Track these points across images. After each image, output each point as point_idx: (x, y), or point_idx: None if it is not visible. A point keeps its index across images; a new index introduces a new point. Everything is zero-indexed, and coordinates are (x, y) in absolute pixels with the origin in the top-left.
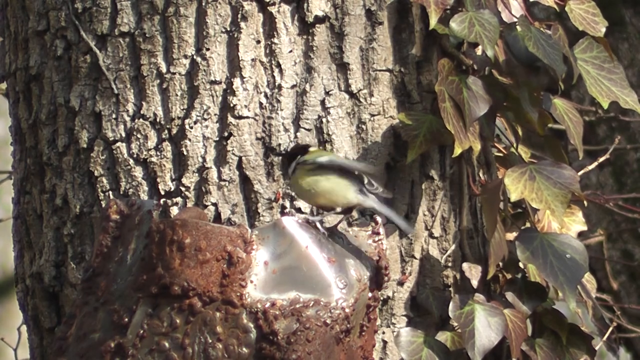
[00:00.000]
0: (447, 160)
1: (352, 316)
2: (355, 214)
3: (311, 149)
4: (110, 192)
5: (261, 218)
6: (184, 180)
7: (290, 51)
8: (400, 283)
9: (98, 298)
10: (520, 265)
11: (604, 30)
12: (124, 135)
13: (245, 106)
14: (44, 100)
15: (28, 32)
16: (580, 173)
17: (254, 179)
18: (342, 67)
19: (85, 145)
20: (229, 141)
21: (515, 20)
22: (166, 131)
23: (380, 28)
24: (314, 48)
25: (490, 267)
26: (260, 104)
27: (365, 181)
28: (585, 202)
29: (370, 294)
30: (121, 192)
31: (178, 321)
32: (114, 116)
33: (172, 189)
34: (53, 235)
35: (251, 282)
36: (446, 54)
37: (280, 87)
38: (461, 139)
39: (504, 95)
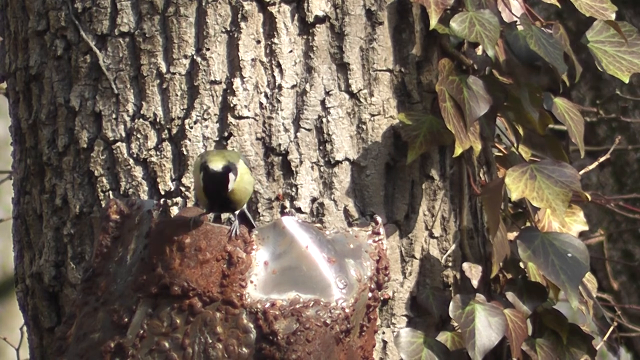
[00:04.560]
0: (447, 160)
1: (352, 316)
2: (355, 213)
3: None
4: (110, 192)
5: (261, 218)
6: (184, 180)
7: (291, 51)
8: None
9: (98, 298)
10: (521, 265)
11: (613, 15)
12: (124, 135)
13: (246, 106)
14: (44, 100)
15: (28, 32)
16: (580, 173)
17: (254, 179)
18: (342, 67)
19: (85, 145)
20: (229, 141)
21: (516, 19)
22: (166, 131)
23: (380, 28)
24: (314, 48)
25: (494, 266)
26: (261, 104)
27: None
28: (589, 198)
29: (370, 294)
30: (121, 192)
31: (178, 321)
32: (114, 116)
33: (172, 189)
34: (53, 235)
35: (251, 282)
36: (446, 54)
37: (280, 87)
38: (462, 139)
39: (505, 95)
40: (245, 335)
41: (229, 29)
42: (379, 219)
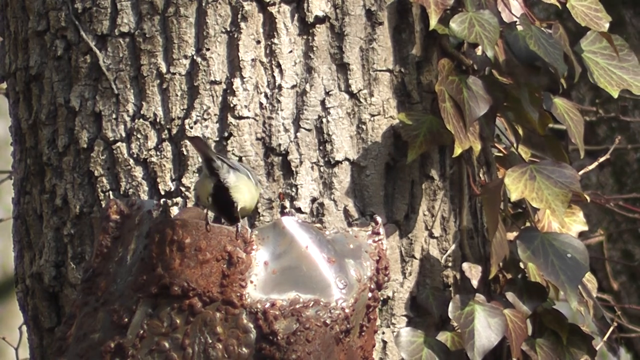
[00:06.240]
0: (447, 160)
1: (352, 316)
2: (355, 213)
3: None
4: (110, 192)
5: (261, 218)
6: (184, 180)
7: (291, 51)
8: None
9: (98, 298)
10: (521, 265)
11: (607, 25)
12: (124, 135)
13: (246, 106)
14: (44, 100)
15: (28, 32)
16: (580, 173)
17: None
18: (342, 67)
19: (85, 145)
20: (229, 141)
21: (516, 20)
22: (166, 131)
23: (380, 28)
24: (314, 48)
25: (492, 266)
26: (261, 104)
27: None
28: (588, 199)
29: (370, 294)
30: (121, 192)
31: (178, 321)
32: (114, 116)
33: (172, 189)
34: (53, 235)
35: (251, 282)
36: (446, 54)
37: (280, 87)
38: (461, 139)
39: (504, 95)
40: (245, 335)
41: (229, 29)
42: (378, 219)
